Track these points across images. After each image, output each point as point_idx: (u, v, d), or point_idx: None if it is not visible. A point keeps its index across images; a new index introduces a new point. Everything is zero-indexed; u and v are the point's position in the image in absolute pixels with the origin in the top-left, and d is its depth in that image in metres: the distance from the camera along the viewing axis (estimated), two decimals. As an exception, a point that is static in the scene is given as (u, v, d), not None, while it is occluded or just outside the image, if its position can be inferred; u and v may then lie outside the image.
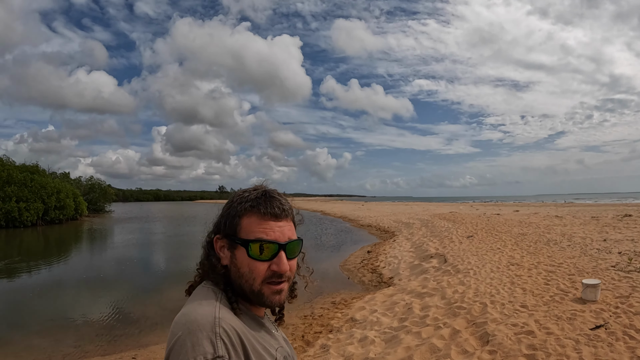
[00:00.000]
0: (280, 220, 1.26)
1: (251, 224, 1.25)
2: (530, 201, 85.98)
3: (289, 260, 1.26)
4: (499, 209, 41.03)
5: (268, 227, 1.24)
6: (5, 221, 36.20)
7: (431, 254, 14.20)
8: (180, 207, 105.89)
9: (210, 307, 1.18)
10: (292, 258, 1.28)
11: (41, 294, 12.73)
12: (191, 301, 1.27)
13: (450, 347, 5.45)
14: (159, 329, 9.23)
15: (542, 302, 7.08)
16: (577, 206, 43.90)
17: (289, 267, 1.25)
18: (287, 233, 1.26)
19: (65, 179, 56.74)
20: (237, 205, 1.29)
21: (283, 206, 1.27)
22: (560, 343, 5.04)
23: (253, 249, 1.22)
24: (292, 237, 1.28)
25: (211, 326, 1.10)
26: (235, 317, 1.20)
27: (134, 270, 17.95)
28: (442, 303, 7.84)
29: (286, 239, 1.25)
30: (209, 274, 1.32)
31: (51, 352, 7.99)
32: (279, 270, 1.23)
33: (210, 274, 1.31)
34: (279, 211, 1.26)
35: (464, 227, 22.08)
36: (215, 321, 1.12)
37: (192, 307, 1.20)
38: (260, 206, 1.26)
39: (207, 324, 1.10)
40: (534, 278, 9.00)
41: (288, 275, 1.26)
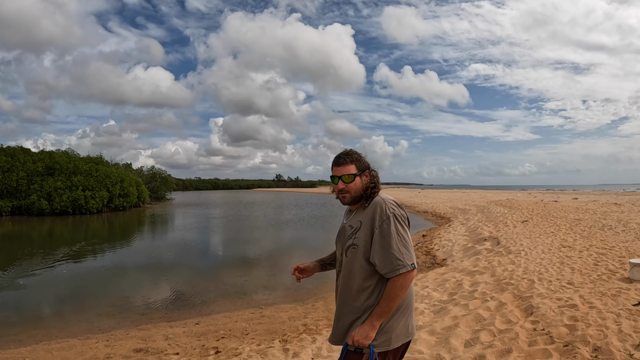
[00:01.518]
0: (340, 166, 2.46)
1: (332, 169, 2.51)
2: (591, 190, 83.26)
3: (346, 184, 2.43)
4: (557, 197, 40.29)
5: (334, 170, 2.49)
6: (73, 208, 38.09)
7: (485, 237, 14.38)
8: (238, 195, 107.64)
9: None
10: (348, 182, 2.43)
11: (109, 272, 13.66)
12: None
13: (495, 317, 5.77)
14: (220, 300, 9.97)
15: (588, 280, 7.28)
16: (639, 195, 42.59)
17: (344, 186, 2.43)
18: (343, 171, 2.44)
19: (128, 169, 58.76)
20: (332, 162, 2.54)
21: (341, 159, 2.47)
22: (601, 316, 5.24)
23: (332, 179, 2.50)
24: (346, 173, 2.43)
25: None
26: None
27: (195, 250, 18.76)
28: (492, 280, 8.13)
29: (342, 173, 2.44)
30: None
31: (120, 318, 8.77)
32: (338, 187, 2.45)
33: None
34: (339, 162, 2.48)
35: (520, 213, 21.98)
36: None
37: None
38: (334, 161, 2.51)
39: None
40: (584, 259, 9.15)
41: (346, 189, 2.43)
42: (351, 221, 2.48)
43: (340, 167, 2.45)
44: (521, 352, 4.45)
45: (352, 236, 2.40)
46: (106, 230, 28.46)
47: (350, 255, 2.38)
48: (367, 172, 2.49)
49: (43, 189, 36.78)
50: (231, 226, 29.94)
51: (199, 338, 7.21)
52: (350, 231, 2.43)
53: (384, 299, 2.26)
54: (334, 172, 2.48)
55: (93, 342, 7.17)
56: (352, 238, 2.40)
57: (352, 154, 2.50)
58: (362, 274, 2.35)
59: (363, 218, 2.40)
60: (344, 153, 2.50)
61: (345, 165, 2.45)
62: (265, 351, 5.80)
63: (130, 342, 7.07)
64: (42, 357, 6.51)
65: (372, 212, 2.36)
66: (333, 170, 2.49)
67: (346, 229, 2.49)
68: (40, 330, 8.04)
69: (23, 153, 39.15)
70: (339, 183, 2.44)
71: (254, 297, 10.23)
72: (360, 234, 2.36)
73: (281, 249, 19.64)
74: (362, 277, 2.35)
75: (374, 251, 2.29)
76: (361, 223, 2.39)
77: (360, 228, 2.38)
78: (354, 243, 2.38)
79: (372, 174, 2.52)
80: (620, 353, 4.08)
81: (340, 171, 2.44)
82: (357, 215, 2.47)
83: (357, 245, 2.36)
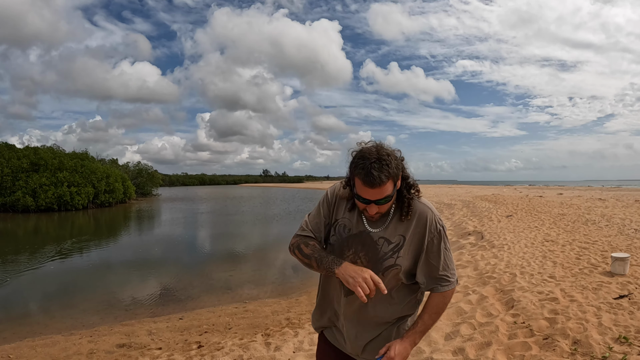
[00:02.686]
0: (374, 188, 1.81)
1: (358, 183, 1.87)
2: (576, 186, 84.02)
3: (380, 206, 1.90)
4: (543, 192, 40.53)
5: (364, 191, 1.85)
6: (58, 205, 37.77)
7: (469, 232, 14.44)
8: (225, 190, 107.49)
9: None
10: (382, 204, 1.89)
11: (94, 268, 13.59)
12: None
13: (476, 310, 5.82)
14: (204, 295, 9.99)
15: (570, 274, 7.34)
16: (623, 190, 42.95)
17: (377, 209, 1.91)
18: (378, 195, 1.83)
19: (114, 164, 58.44)
20: (353, 166, 1.90)
21: (375, 180, 1.79)
22: (581, 309, 5.29)
23: (357, 197, 1.92)
24: (383, 196, 1.84)
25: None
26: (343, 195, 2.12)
27: (181, 246, 18.76)
28: (474, 274, 8.18)
29: (376, 198, 1.84)
30: (348, 185, 2.03)
31: (104, 314, 8.72)
32: (369, 212, 1.92)
33: (348, 186, 2.04)
34: (373, 183, 1.80)
35: (505, 208, 22.11)
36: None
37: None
38: (362, 176, 1.82)
39: None
40: (567, 253, 9.23)
41: (378, 212, 1.93)
42: (387, 233, 2.00)
43: (375, 189, 1.81)
44: (501, 345, 4.49)
45: (393, 255, 1.97)
46: (92, 226, 28.27)
47: (388, 276, 1.98)
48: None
49: (28, 186, 36.43)
50: (218, 221, 29.93)
51: (182, 333, 7.21)
52: (389, 247, 1.98)
53: (429, 315, 2.02)
54: (364, 193, 1.85)
55: (77, 338, 7.15)
56: (393, 257, 1.97)
57: (389, 164, 1.82)
58: (400, 293, 2.08)
59: (406, 232, 1.98)
60: (377, 165, 1.80)
61: (381, 187, 1.81)
62: (248, 345, 5.81)
63: (113, 338, 7.05)
64: (26, 353, 6.47)
65: (418, 226, 1.98)
66: (360, 189, 1.86)
67: (376, 242, 2.00)
68: (24, 327, 7.99)
69: (8, 149, 38.76)
70: (371, 207, 1.88)
71: (239, 291, 10.24)
72: (404, 253, 1.98)
73: (267, 243, 19.66)
74: (399, 295, 2.07)
75: (421, 269, 2.02)
76: (404, 238, 1.98)
77: (402, 245, 1.98)
78: (397, 263, 1.97)
79: (404, 174, 1.98)
80: (599, 346, 4.12)
81: (375, 195, 1.83)
82: (394, 227, 2.00)
83: (400, 265, 1.98)
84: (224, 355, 5.47)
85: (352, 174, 1.90)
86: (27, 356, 6.36)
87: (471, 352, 4.44)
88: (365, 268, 1.89)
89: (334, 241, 2.08)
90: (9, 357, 6.33)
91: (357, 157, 1.88)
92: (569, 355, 4.05)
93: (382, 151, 1.85)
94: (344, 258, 2.00)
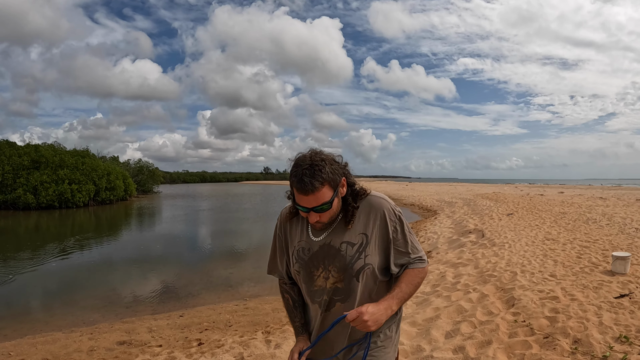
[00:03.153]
0: (308, 195, 1.73)
1: (295, 192, 1.78)
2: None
3: (320, 214, 1.80)
4: (544, 190, 40.55)
5: (300, 199, 1.77)
6: (59, 202, 37.84)
7: (470, 230, 14.46)
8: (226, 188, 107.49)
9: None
10: (322, 212, 1.79)
11: (95, 266, 13.61)
12: None
13: (477, 309, 5.81)
14: (205, 292, 10.01)
15: (571, 273, 7.34)
16: (624, 189, 42.96)
17: (318, 217, 1.81)
18: (314, 202, 1.74)
19: (114, 162, 58.52)
20: (291, 176, 1.79)
21: (307, 186, 1.71)
22: (582, 308, 5.29)
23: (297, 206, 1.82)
24: (320, 202, 1.75)
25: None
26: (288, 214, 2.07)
27: (182, 243, 18.81)
28: (475, 272, 8.18)
29: (313, 205, 1.75)
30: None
31: (105, 311, 8.74)
32: (310, 220, 1.83)
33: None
34: (306, 189, 1.72)
35: (505, 206, 22.15)
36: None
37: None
38: (295, 184, 1.74)
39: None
40: (567, 252, 9.23)
41: (320, 219, 1.82)
42: (344, 236, 1.90)
43: (309, 196, 1.73)
44: (501, 344, 4.48)
45: (360, 255, 1.87)
46: (93, 223, 28.30)
47: (363, 278, 1.88)
48: (342, 181, 1.85)
49: (29, 183, 36.48)
50: (218, 218, 29.99)
51: (182, 330, 7.22)
52: (353, 250, 1.89)
53: (406, 284, 1.90)
54: (300, 201, 1.78)
55: (77, 336, 7.16)
56: (361, 258, 1.87)
57: (322, 169, 1.74)
58: (378, 290, 1.95)
59: (366, 229, 1.90)
60: (309, 171, 1.72)
61: (314, 193, 1.73)
62: (248, 342, 5.81)
63: (114, 335, 7.06)
64: (26, 351, 6.48)
65: (378, 219, 1.90)
66: (298, 198, 1.78)
67: (341, 248, 1.90)
68: (25, 325, 8.01)
69: (9, 147, 38.77)
70: (310, 215, 1.80)
71: (239, 289, 10.25)
72: (370, 250, 1.88)
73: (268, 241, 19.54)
74: (378, 293, 1.94)
75: (393, 259, 1.92)
76: (366, 236, 1.89)
77: (367, 243, 1.88)
78: (367, 262, 1.87)
79: (348, 180, 1.91)
80: (600, 345, 4.11)
81: (310, 202, 1.74)
82: (351, 229, 1.90)
83: (370, 264, 1.88)
84: (225, 352, 5.47)
85: (290, 183, 1.82)
86: (28, 353, 6.36)
87: (471, 350, 4.44)
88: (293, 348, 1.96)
89: (298, 268, 1.99)
90: (9, 354, 6.34)
91: (292, 165, 1.80)
92: (570, 354, 4.05)
93: (315, 157, 1.77)
94: (315, 279, 1.95)
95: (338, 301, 1.92)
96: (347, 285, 1.89)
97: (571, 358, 3.98)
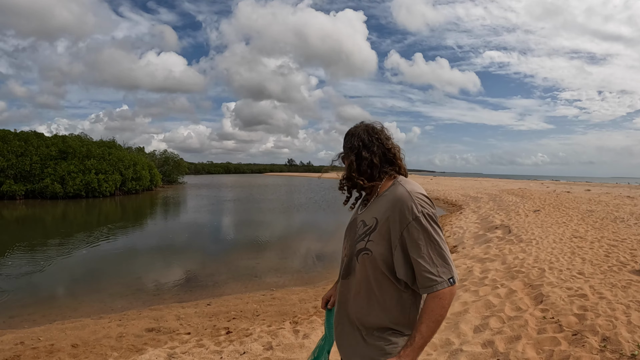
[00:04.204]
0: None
1: None
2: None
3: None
4: (570, 188, 40.06)
5: None
6: (86, 192, 38.32)
7: (496, 225, 14.38)
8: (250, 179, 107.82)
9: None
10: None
11: (121, 254, 13.86)
12: None
13: (505, 304, 5.81)
14: (231, 282, 10.13)
15: (599, 271, 7.28)
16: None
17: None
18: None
19: (140, 152, 59.09)
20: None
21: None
22: (611, 307, 5.25)
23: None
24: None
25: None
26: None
27: (207, 233, 18.97)
28: (502, 267, 8.15)
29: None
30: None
31: (132, 299, 8.93)
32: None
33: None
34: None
35: (532, 202, 21.94)
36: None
37: None
38: None
39: None
40: (595, 250, 9.15)
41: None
42: (364, 215, 1.91)
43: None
44: (530, 339, 4.48)
45: (364, 237, 1.82)
46: (119, 213, 28.68)
47: (362, 262, 1.81)
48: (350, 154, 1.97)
49: (56, 173, 37.01)
50: (243, 208, 30.17)
51: (210, 318, 7.32)
52: (362, 230, 1.86)
53: (426, 324, 1.69)
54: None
55: (106, 322, 7.30)
56: (364, 240, 1.82)
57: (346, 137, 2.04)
58: (382, 287, 1.82)
59: (378, 214, 1.82)
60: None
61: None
62: (276, 332, 5.88)
63: (142, 322, 7.19)
64: (55, 336, 6.62)
65: (390, 209, 1.78)
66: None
67: (357, 224, 1.91)
68: (53, 310, 8.18)
69: (37, 138, 39.27)
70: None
71: (265, 279, 10.36)
72: (375, 237, 1.80)
73: (293, 231, 19.75)
74: (381, 290, 1.82)
75: (399, 264, 1.76)
76: (376, 221, 1.81)
77: (374, 228, 1.81)
78: (367, 248, 1.80)
79: (384, 149, 1.94)
80: (628, 344, 4.10)
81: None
82: (372, 208, 1.89)
83: (370, 250, 1.79)
84: (253, 341, 5.54)
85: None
86: (57, 338, 6.50)
87: (500, 345, 4.45)
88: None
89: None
90: (39, 339, 6.48)
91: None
92: (598, 351, 4.04)
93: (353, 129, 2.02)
94: (343, 249, 2.03)
95: (346, 274, 1.94)
96: (349, 261, 1.92)
97: (600, 356, 3.97)
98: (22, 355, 5.76)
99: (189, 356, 5.20)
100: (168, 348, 5.68)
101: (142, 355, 5.37)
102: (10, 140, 36.45)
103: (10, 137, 36.92)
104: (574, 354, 4.01)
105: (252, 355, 5.04)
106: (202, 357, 5.12)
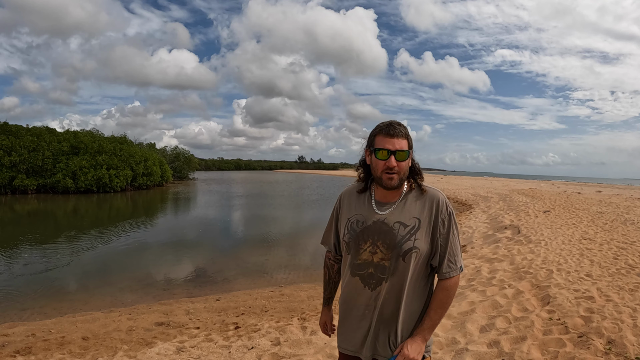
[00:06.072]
0: (393, 138, 1.97)
1: (378, 139, 2.01)
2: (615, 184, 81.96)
3: (398, 162, 1.97)
4: (581, 189, 39.83)
5: (385, 141, 1.98)
6: (97, 187, 38.78)
7: (505, 225, 14.36)
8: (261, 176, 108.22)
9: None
10: (400, 160, 1.98)
11: (132, 249, 13.97)
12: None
13: (512, 305, 5.83)
14: (240, 278, 10.21)
15: (607, 274, 7.27)
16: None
17: (396, 164, 1.96)
18: (397, 145, 1.97)
19: (151, 148, 59.46)
20: (374, 129, 2.07)
21: (396, 130, 1.98)
22: (617, 309, 5.25)
23: (377, 153, 1.99)
24: (402, 148, 1.98)
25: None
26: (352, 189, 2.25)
27: (217, 228, 19.15)
28: (510, 268, 8.15)
29: (396, 148, 1.96)
30: (361, 166, 2.19)
31: (142, 293, 9.04)
32: (389, 165, 1.96)
33: (361, 167, 2.20)
34: (393, 132, 1.97)
35: (542, 203, 21.86)
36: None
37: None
38: (383, 129, 2.01)
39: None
40: (604, 252, 9.13)
41: (396, 170, 1.98)
42: (395, 216, 2.04)
43: (394, 138, 1.97)
44: (535, 340, 4.51)
45: (410, 237, 1.98)
46: (130, 208, 28.92)
47: (409, 260, 1.97)
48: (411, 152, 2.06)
49: (68, 168, 37.37)
50: (253, 204, 30.32)
51: (219, 314, 7.39)
52: (405, 230, 2.00)
53: (435, 311, 2.03)
54: (385, 144, 1.98)
55: (116, 315, 7.38)
56: (411, 240, 1.98)
57: (405, 126, 2.02)
58: (419, 280, 2.06)
59: (420, 214, 2.03)
60: (396, 122, 2.02)
61: (399, 138, 1.98)
62: (284, 328, 5.94)
63: (152, 316, 7.27)
64: (66, 329, 6.71)
65: (429, 208, 2.04)
66: (381, 142, 1.99)
67: (393, 227, 2.02)
68: (64, 303, 8.29)
69: (49, 133, 39.62)
70: (390, 159, 1.96)
71: (274, 275, 10.43)
72: (421, 235, 2.00)
73: (302, 228, 19.86)
74: (419, 282, 2.05)
75: (435, 255, 2.04)
76: (419, 221, 2.02)
77: (418, 227, 2.01)
78: (416, 246, 1.97)
79: (413, 156, 2.10)
80: (634, 347, 4.11)
81: (394, 144, 1.96)
82: (406, 210, 2.05)
83: (418, 248, 1.97)
84: (261, 337, 5.61)
85: (372, 137, 2.07)
86: (68, 331, 6.59)
87: (506, 345, 4.48)
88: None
89: (348, 239, 2.11)
90: (50, 331, 6.57)
91: (376, 126, 2.09)
92: (603, 354, 4.06)
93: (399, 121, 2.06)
94: (361, 252, 2.05)
95: (383, 280, 2.02)
96: (394, 264, 1.99)
97: (604, 358, 3.98)
98: (34, 347, 5.86)
99: (197, 350, 5.28)
100: (177, 342, 5.75)
101: (152, 348, 5.45)
102: (22, 135, 36.86)
103: (23, 133, 37.35)
104: (578, 356, 4.03)
105: (260, 350, 5.10)
106: (211, 352, 5.19)
